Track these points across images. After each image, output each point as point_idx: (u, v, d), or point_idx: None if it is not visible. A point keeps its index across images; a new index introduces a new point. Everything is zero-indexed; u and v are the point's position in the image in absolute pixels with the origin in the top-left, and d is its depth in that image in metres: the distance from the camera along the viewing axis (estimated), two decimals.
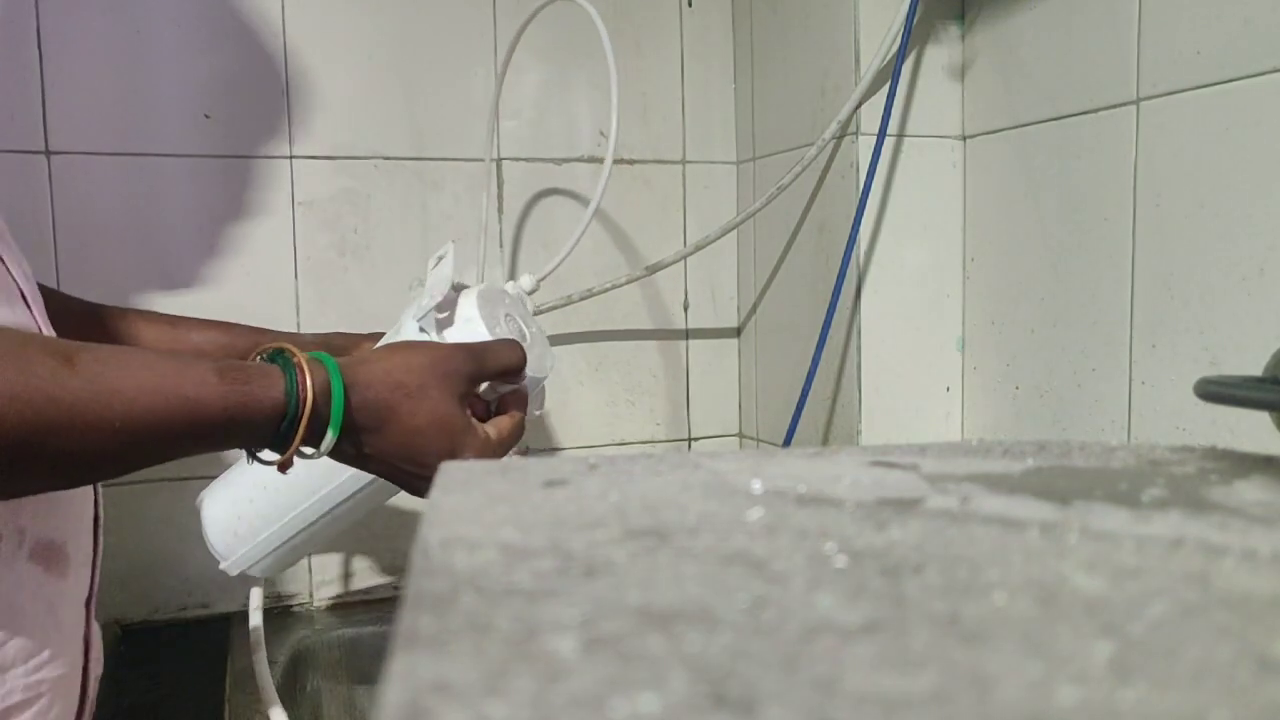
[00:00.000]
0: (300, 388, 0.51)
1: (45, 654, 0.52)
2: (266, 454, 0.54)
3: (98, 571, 0.58)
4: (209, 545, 0.76)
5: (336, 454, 0.55)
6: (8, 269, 0.53)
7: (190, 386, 0.47)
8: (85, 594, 0.56)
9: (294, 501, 0.72)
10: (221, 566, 0.76)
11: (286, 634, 0.91)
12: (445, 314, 0.68)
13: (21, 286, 0.54)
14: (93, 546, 0.57)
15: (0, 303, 0.51)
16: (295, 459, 0.53)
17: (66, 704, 0.54)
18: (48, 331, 0.55)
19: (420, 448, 0.56)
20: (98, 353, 0.46)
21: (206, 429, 0.48)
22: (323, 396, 0.52)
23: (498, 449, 0.60)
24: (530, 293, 0.82)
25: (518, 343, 0.63)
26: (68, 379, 0.43)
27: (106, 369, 0.45)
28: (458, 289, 0.70)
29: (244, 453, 0.55)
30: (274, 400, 0.50)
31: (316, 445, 0.53)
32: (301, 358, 0.52)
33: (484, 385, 0.62)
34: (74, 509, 0.55)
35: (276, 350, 0.54)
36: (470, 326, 0.67)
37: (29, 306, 0.54)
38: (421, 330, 0.66)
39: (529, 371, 0.63)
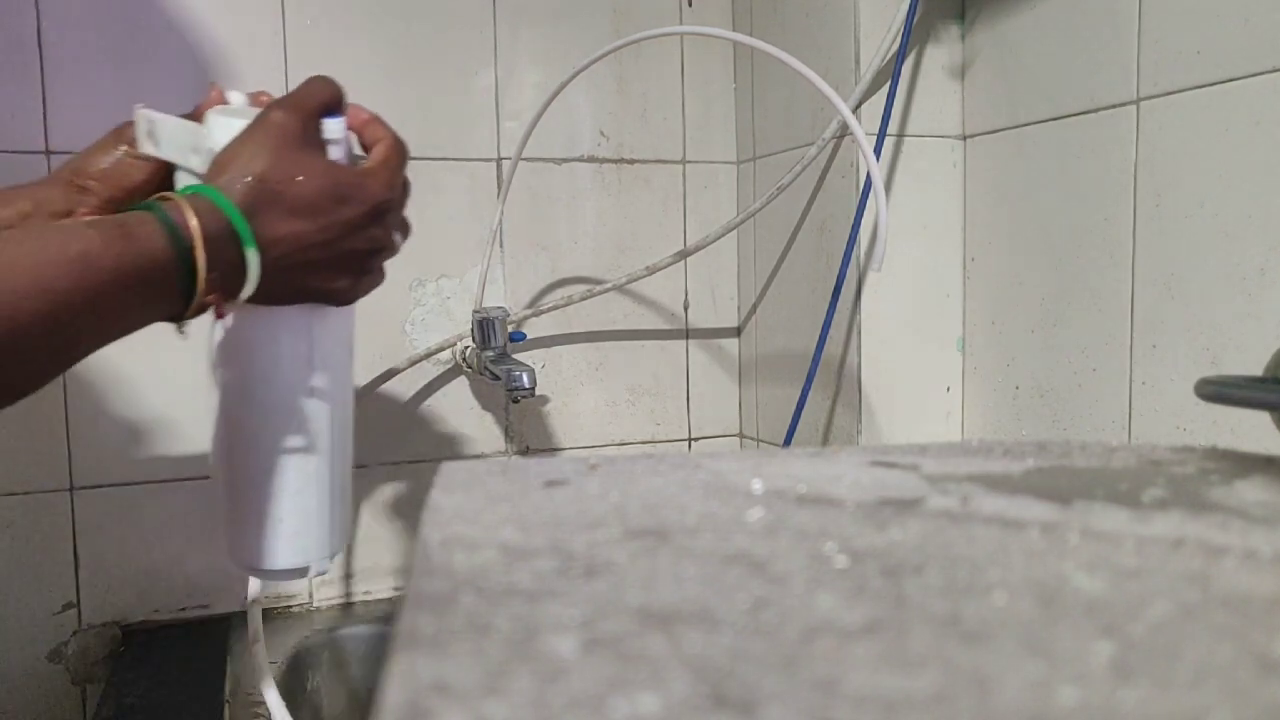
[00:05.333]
0: (178, 215, 0.48)
1: None
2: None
3: None
4: (288, 573, 0.63)
5: (260, 294, 0.52)
6: None
7: (75, 244, 0.45)
8: None
9: (304, 470, 0.61)
10: (313, 574, 0.64)
11: (286, 634, 0.91)
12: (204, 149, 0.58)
13: None
14: None
15: None
16: (231, 317, 0.51)
17: None
18: None
19: (325, 215, 0.54)
20: None
21: (105, 289, 0.45)
22: (209, 215, 0.49)
23: (387, 175, 0.61)
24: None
25: (320, 75, 0.60)
26: None
27: None
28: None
29: None
30: (152, 238, 0.47)
31: (239, 281, 0.51)
32: (172, 196, 0.50)
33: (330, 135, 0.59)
34: None
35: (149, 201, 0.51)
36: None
37: None
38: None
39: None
